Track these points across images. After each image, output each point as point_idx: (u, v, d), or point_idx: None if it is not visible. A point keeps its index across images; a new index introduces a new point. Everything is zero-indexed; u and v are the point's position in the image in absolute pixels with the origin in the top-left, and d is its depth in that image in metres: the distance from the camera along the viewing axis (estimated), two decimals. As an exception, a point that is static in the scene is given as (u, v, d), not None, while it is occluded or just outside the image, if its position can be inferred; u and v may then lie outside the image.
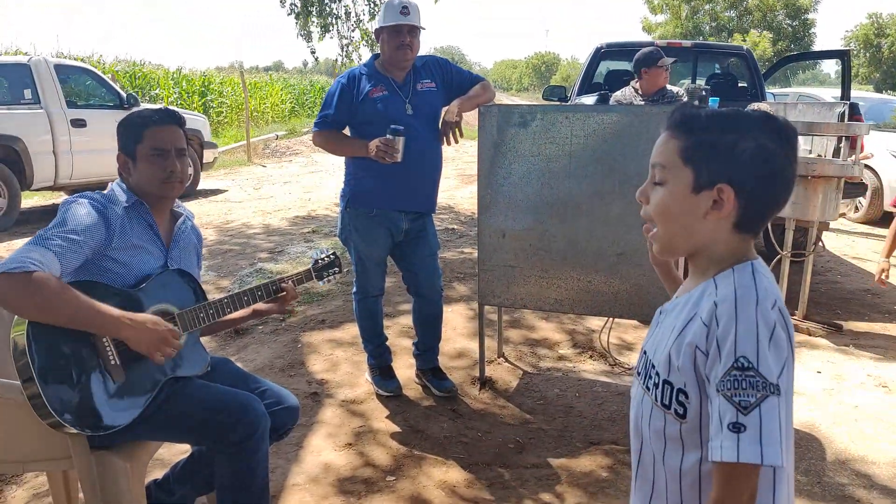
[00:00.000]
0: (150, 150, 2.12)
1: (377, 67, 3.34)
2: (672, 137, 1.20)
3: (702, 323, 1.15)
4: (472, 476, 2.88)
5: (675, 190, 1.19)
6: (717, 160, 1.16)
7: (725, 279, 1.18)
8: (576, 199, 3.30)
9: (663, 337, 1.24)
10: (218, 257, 6.19)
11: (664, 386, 1.20)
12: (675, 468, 1.20)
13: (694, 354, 1.15)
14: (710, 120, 1.18)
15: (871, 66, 48.68)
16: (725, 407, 1.08)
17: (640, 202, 1.26)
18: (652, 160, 1.23)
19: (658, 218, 1.22)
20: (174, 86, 18.70)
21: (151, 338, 1.93)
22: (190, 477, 2.31)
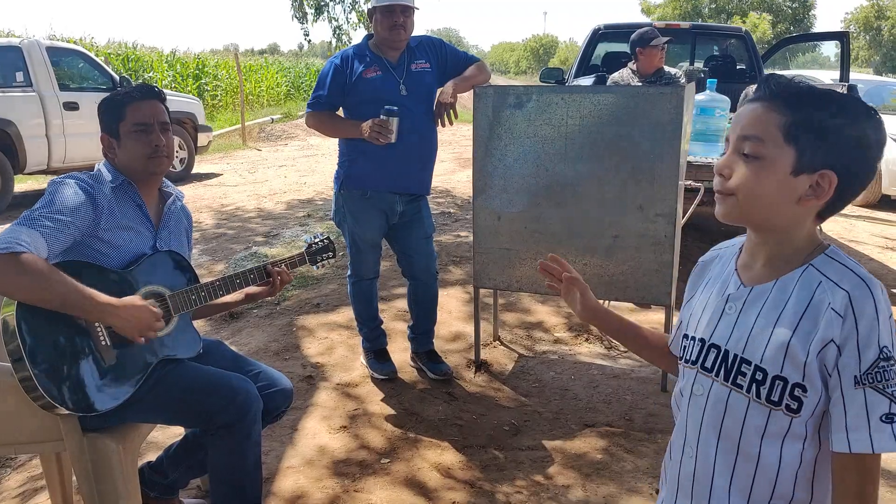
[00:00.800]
0: (132, 126, 2.10)
1: (371, 48, 3.30)
2: (771, 110, 1.11)
3: (836, 314, 1.09)
4: (467, 458, 2.88)
5: (772, 168, 1.11)
6: (824, 144, 1.09)
7: (831, 266, 1.14)
8: (571, 181, 3.28)
9: (759, 330, 1.16)
10: (212, 241, 6.17)
11: (774, 382, 1.13)
12: (773, 464, 1.16)
13: (828, 347, 1.09)
14: (816, 98, 1.11)
15: (871, 48, 48.59)
16: (876, 398, 1.07)
17: (720, 175, 1.16)
18: (742, 131, 1.13)
19: (743, 194, 1.13)
20: (168, 69, 18.57)
21: (137, 323, 1.91)
22: (183, 459, 2.30)
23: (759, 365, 1.15)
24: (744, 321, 1.19)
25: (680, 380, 1.32)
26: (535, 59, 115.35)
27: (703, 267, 1.37)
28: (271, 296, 2.39)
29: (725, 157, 1.16)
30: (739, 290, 1.21)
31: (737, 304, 1.20)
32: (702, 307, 1.28)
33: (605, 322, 1.53)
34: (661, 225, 3.18)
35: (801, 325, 1.12)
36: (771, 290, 1.17)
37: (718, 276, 1.30)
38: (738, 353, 1.17)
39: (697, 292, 1.34)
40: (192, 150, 9.79)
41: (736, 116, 1.17)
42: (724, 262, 1.31)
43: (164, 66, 18.63)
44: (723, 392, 1.19)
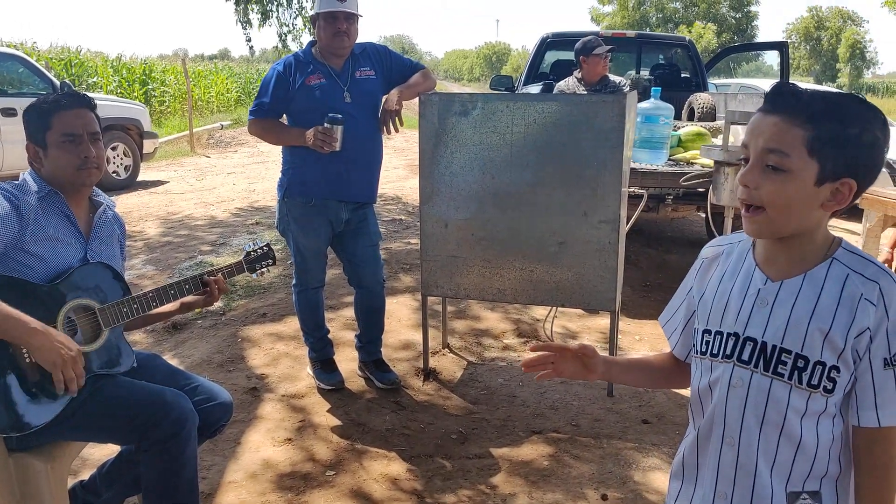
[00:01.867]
0: (60, 136, 2.02)
1: (314, 54, 3.26)
2: (793, 125, 1.17)
3: (870, 304, 1.18)
4: (414, 468, 2.86)
5: (798, 181, 1.17)
6: (845, 155, 1.16)
7: (853, 259, 1.23)
8: (517, 188, 3.29)
9: (797, 321, 1.22)
10: (157, 250, 6.02)
11: (815, 367, 1.21)
12: (812, 443, 1.24)
13: (863, 334, 1.19)
14: (835, 112, 1.17)
15: (811, 58, 50.18)
16: None
17: (746, 185, 1.21)
18: (767, 144, 1.18)
19: (774, 206, 1.19)
20: (113, 74, 18.13)
21: (59, 352, 1.81)
22: (117, 477, 2.23)
23: (799, 353, 1.22)
24: (779, 314, 1.24)
25: (702, 374, 1.35)
26: (488, 66, 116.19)
27: (708, 263, 1.41)
28: (208, 305, 2.32)
29: (749, 169, 1.21)
30: (769, 285, 1.27)
31: (769, 297, 1.26)
32: (722, 302, 1.32)
33: (620, 374, 1.55)
34: (605, 231, 3.21)
35: (837, 315, 1.20)
36: (802, 284, 1.24)
37: (734, 271, 1.34)
38: (776, 344, 1.23)
39: (708, 288, 1.37)
40: (137, 157, 9.55)
41: (753, 128, 1.21)
42: (738, 258, 1.35)
43: (108, 71, 18.16)
44: (764, 382, 1.25)
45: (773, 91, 1.22)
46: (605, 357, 1.49)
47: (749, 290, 1.29)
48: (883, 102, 29.75)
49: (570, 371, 1.47)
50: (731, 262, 1.36)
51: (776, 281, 1.27)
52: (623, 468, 2.86)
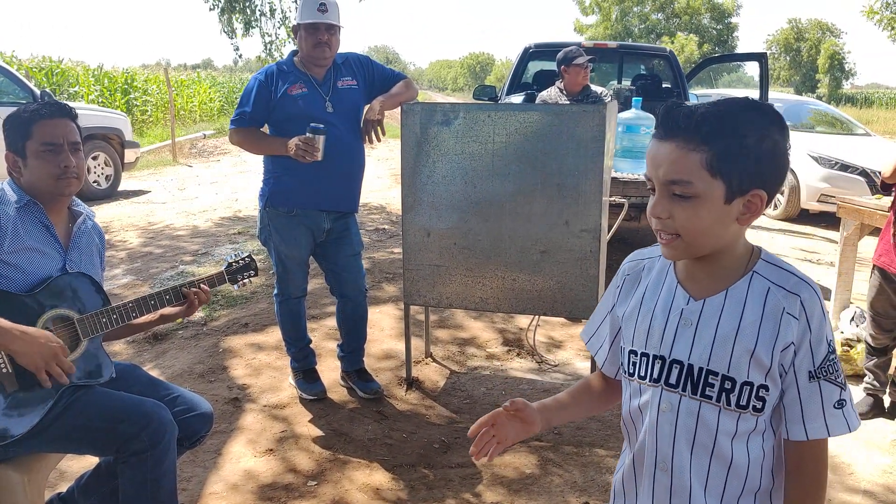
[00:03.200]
0: (40, 145, 2.01)
1: (296, 64, 3.27)
2: (689, 150, 1.14)
3: (792, 318, 1.17)
4: (396, 477, 2.85)
5: (707, 205, 1.15)
6: (747, 167, 1.13)
7: (773, 271, 1.21)
8: (499, 197, 3.30)
9: (722, 341, 1.20)
10: (138, 260, 5.98)
11: (742, 388, 1.19)
12: (744, 462, 1.23)
13: (788, 349, 1.18)
14: (727, 125, 1.13)
15: (791, 68, 50.80)
16: (829, 388, 1.19)
17: (658, 218, 1.18)
18: (667, 176, 1.15)
19: (688, 232, 1.17)
20: (95, 83, 18.01)
21: (41, 352, 1.81)
22: (95, 489, 2.20)
23: (726, 374, 1.19)
24: (703, 334, 1.22)
25: (632, 397, 1.32)
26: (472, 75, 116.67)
27: (632, 278, 1.37)
28: (188, 315, 2.31)
29: (658, 200, 1.18)
30: (692, 305, 1.24)
31: (692, 318, 1.23)
32: (646, 322, 1.29)
33: (558, 414, 1.46)
34: (587, 240, 3.22)
35: (761, 332, 1.18)
36: (724, 302, 1.21)
37: (656, 288, 1.31)
38: (703, 367, 1.21)
39: (631, 305, 1.34)
40: (118, 166, 9.49)
41: (651, 157, 1.18)
42: (659, 274, 1.31)
43: (90, 80, 18.05)
44: (693, 405, 1.23)
45: (663, 115, 1.17)
46: (538, 404, 1.42)
47: (672, 309, 1.26)
48: (862, 113, 30.14)
49: (513, 434, 1.38)
50: (653, 278, 1.33)
51: (699, 299, 1.24)
52: (605, 475, 2.87)
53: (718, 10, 47.23)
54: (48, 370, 1.83)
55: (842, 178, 8.37)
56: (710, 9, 47.02)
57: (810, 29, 50.25)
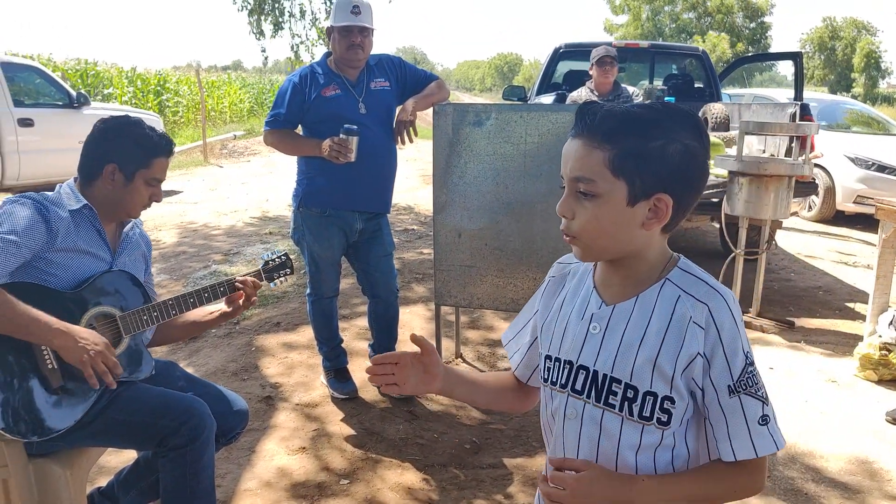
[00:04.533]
0: (152, 178, 2.13)
1: (330, 66, 3.29)
2: (593, 147, 1.11)
3: (698, 328, 1.12)
4: (428, 477, 2.86)
5: (608, 205, 1.11)
6: (651, 170, 1.10)
7: (686, 279, 1.17)
8: (531, 198, 3.30)
9: (626, 348, 1.16)
10: (171, 260, 6.07)
11: (645, 398, 1.14)
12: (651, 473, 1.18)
13: (695, 361, 1.12)
14: (631, 127, 1.10)
15: (825, 68, 50.03)
16: (752, 403, 1.13)
17: (564, 216, 1.15)
18: (572, 172, 1.12)
19: (588, 235, 1.14)
20: (128, 85, 18.32)
21: (85, 350, 1.86)
22: (134, 483, 2.25)
23: (629, 383, 1.15)
24: (610, 340, 1.18)
25: (548, 402, 1.28)
26: (499, 76, 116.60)
27: (555, 283, 1.33)
28: (243, 310, 2.32)
29: (564, 198, 1.15)
30: (602, 310, 1.20)
31: (601, 323, 1.19)
32: (562, 327, 1.25)
33: (461, 388, 1.40)
34: (620, 241, 3.20)
35: (666, 340, 1.13)
36: (633, 308, 1.17)
37: (575, 293, 1.27)
38: (607, 373, 1.17)
39: (552, 310, 1.30)
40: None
41: (564, 153, 1.15)
42: (580, 279, 1.28)
43: (123, 82, 18.37)
44: (596, 413, 1.18)
45: (577, 113, 1.15)
46: (445, 365, 1.37)
47: (585, 314, 1.22)
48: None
49: (412, 382, 1.32)
50: (574, 283, 1.28)
51: (609, 304, 1.20)
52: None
53: (752, 8, 46.66)
54: (94, 366, 1.86)
55: (878, 180, 8.23)
56: (744, 7, 46.47)
57: (845, 27, 49.42)
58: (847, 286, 5.83)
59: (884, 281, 4.22)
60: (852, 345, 4.23)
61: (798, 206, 9.01)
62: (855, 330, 4.69)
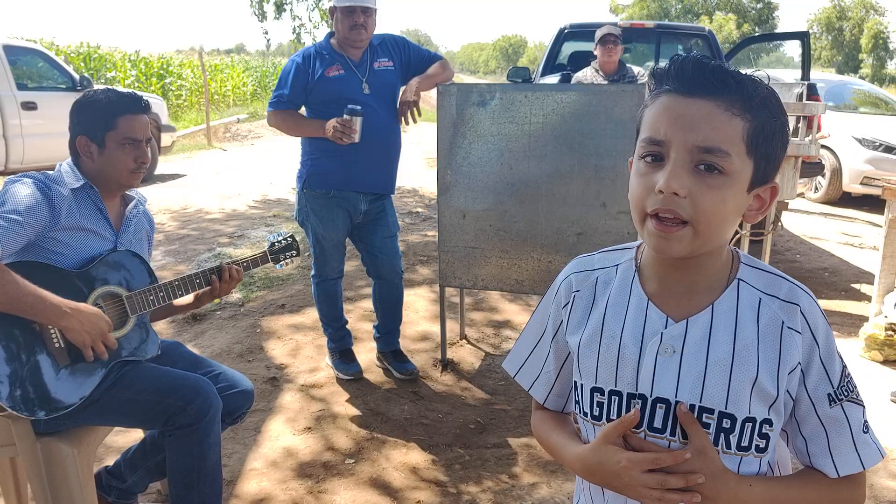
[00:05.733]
0: (123, 139, 2.07)
1: (333, 46, 3.27)
2: (733, 115, 0.91)
3: (795, 333, 0.98)
4: (433, 457, 2.87)
5: (734, 187, 0.93)
6: (775, 153, 0.95)
7: (759, 276, 1.02)
8: (535, 178, 3.29)
9: (716, 370, 0.98)
10: (176, 242, 6.08)
11: (743, 426, 0.98)
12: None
13: (794, 371, 0.98)
14: (767, 95, 0.93)
15: (833, 48, 49.64)
16: (855, 411, 1.01)
17: (676, 194, 0.91)
18: (704, 142, 0.91)
19: (707, 220, 0.93)
20: (131, 68, 18.27)
21: (90, 330, 1.87)
22: (141, 462, 2.26)
23: (724, 411, 0.98)
24: (691, 364, 0.99)
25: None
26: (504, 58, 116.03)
27: (584, 295, 1.11)
28: (220, 295, 2.30)
29: (675, 172, 0.92)
30: (672, 328, 1.01)
31: (675, 344, 1.00)
32: (612, 352, 1.04)
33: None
34: (624, 222, 3.20)
35: (762, 354, 0.98)
36: (712, 321, 1.00)
37: (618, 307, 1.06)
38: (695, 403, 0.99)
39: (589, 330, 1.08)
40: (155, 150, 9.63)
41: (676, 117, 0.93)
42: (620, 289, 1.07)
43: (126, 65, 18.32)
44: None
45: (693, 67, 0.93)
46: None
47: (646, 334, 1.02)
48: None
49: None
50: (612, 295, 1.07)
51: (679, 320, 1.00)
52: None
53: (758, -13, 46.29)
54: (94, 346, 1.88)
55: (886, 161, 8.18)
56: (750, -13, 46.10)
57: (853, 7, 48.93)
58: (853, 267, 5.82)
59: (890, 261, 4.21)
60: (858, 325, 4.23)
61: (804, 187, 8.97)
62: (860, 311, 4.68)
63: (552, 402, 1.21)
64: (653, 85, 0.99)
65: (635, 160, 0.99)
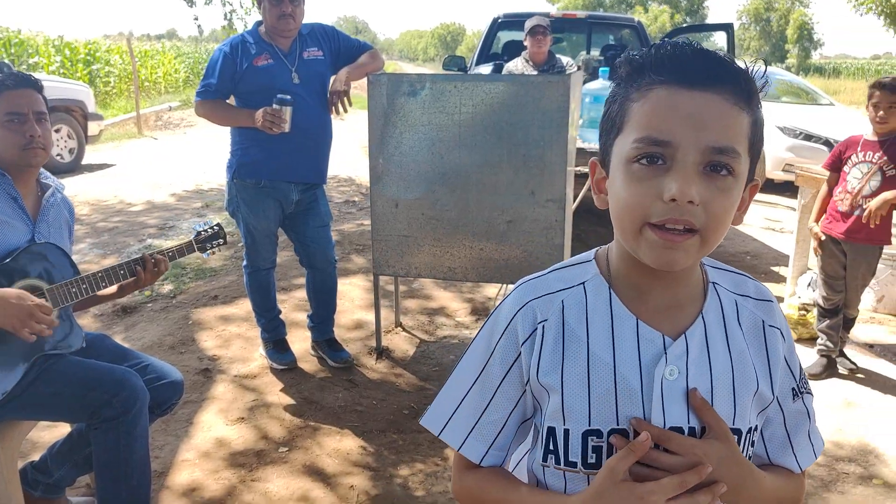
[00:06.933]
0: (5, 115, 2.01)
1: (261, 35, 3.25)
2: (741, 110, 0.82)
3: (775, 329, 0.96)
4: (366, 443, 2.91)
5: (737, 189, 0.85)
6: (760, 146, 0.87)
7: (725, 276, 0.98)
8: (466, 168, 3.34)
9: (720, 385, 0.91)
10: (104, 234, 5.93)
11: (746, 438, 0.93)
12: None
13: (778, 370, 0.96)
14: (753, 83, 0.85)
15: (761, 38, 51.27)
16: (810, 401, 1.00)
17: (690, 204, 0.80)
18: (718, 141, 0.80)
19: (717, 227, 0.83)
20: (56, 54, 17.57)
21: (17, 313, 1.84)
22: (68, 456, 2.23)
23: (732, 427, 0.91)
24: (698, 382, 0.90)
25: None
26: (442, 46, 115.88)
27: (553, 326, 0.94)
28: (146, 284, 2.28)
29: (688, 175, 0.80)
30: (673, 346, 0.90)
31: (679, 364, 0.89)
32: (607, 385, 0.90)
33: None
34: (553, 210, 3.28)
35: (755, 360, 0.94)
36: (706, 332, 0.92)
37: (603, 334, 0.92)
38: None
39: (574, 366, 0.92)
40: (82, 139, 9.33)
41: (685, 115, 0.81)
42: (597, 310, 0.94)
43: (50, 50, 17.60)
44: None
45: (695, 54, 0.83)
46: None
47: (644, 359, 0.90)
48: (829, 83, 30.48)
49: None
50: (589, 318, 0.93)
51: (675, 336, 0.91)
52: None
53: (688, -21, 47.46)
54: (28, 328, 1.84)
55: (805, 148, 8.53)
56: (681, -22, 47.22)
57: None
58: (773, 251, 6.08)
59: (803, 245, 4.43)
60: (774, 306, 4.43)
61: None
62: (778, 292, 4.90)
63: (492, 458, 1.01)
64: (627, 73, 0.87)
65: (623, 162, 0.85)
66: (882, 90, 3.31)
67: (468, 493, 1.03)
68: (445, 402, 1.04)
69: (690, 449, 0.86)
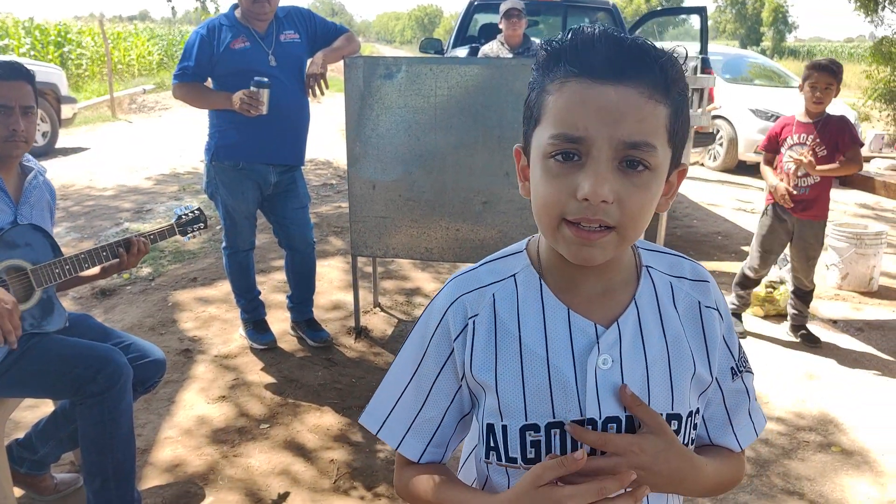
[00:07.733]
0: None
1: (238, 18, 3.27)
2: (657, 102, 0.80)
3: (713, 310, 0.95)
4: (346, 419, 2.98)
5: (657, 182, 0.83)
6: (685, 133, 0.85)
7: (659, 259, 0.97)
8: (442, 150, 3.40)
9: (656, 371, 0.90)
10: (80, 218, 5.91)
11: (687, 423, 0.92)
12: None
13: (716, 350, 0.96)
14: (680, 74, 0.82)
15: (736, 21, 51.54)
16: (750, 379, 1.00)
17: (606, 202, 0.78)
18: (631, 136, 0.78)
19: (633, 222, 0.82)
20: (26, 35, 17.27)
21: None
22: (53, 433, 2.28)
23: (671, 413, 0.90)
24: (633, 369, 0.89)
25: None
26: (420, 28, 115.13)
27: (484, 320, 0.93)
28: (128, 267, 2.32)
29: (600, 173, 0.78)
30: (605, 335, 0.88)
31: (612, 353, 0.88)
32: (541, 379, 0.89)
33: None
34: (526, 190, 3.35)
35: (692, 342, 0.93)
36: (639, 317, 0.91)
37: (535, 326, 0.91)
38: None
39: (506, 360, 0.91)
40: (55, 122, 9.22)
41: (599, 108, 0.78)
42: (528, 301, 0.92)
43: (20, 32, 17.29)
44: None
45: (608, 46, 0.79)
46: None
47: (577, 349, 0.88)
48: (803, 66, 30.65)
49: None
50: (521, 311, 0.92)
51: (607, 325, 0.89)
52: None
53: (665, -38, 47.53)
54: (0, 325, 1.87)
55: (776, 130, 8.68)
56: (657, -39, 47.27)
57: (756, -19, 50.93)
58: (744, 231, 6.21)
59: (771, 225, 4.54)
60: (743, 284, 4.56)
61: (700, 155, 9.43)
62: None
63: (430, 455, 1.01)
64: (544, 61, 0.85)
65: (541, 157, 0.83)
66: (819, 71, 3.44)
67: (406, 490, 1.02)
68: (383, 400, 1.03)
69: (627, 447, 0.85)
